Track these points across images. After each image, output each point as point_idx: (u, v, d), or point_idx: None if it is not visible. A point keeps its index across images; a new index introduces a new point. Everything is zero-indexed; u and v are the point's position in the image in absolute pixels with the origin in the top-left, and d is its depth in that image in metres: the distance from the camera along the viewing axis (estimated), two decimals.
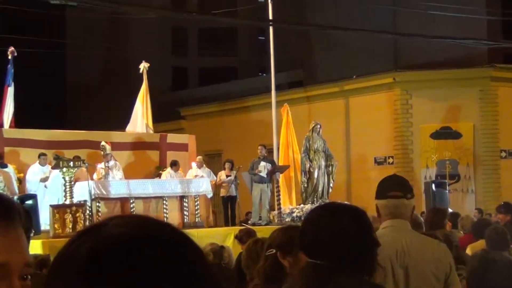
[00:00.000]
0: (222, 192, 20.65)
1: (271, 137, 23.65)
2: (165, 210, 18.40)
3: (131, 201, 17.99)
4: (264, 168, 19.72)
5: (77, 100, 43.79)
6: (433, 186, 19.85)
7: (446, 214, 9.02)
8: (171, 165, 19.97)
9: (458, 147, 25.60)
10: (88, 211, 16.88)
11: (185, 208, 18.87)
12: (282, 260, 3.78)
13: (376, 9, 27.68)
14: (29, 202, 15.37)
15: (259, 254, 4.48)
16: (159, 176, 20.15)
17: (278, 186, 20.60)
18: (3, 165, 17.53)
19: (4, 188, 16.34)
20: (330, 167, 20.86)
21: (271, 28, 24.61)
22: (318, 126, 21.06)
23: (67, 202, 16.60)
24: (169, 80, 43.82)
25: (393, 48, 29.42)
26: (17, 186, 17.92)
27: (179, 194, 18.87)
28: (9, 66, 20.14)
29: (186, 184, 18.98)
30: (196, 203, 19.02)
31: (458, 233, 10.37)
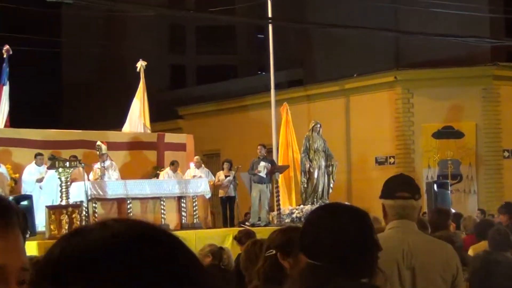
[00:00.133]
0: (221, 193, 20.65)
1: (271, 137, 23.64)
2: (163, 211, 18.38)
3: (128, 202, 17.98)
4: (264, 168, 19.70)
5: (73, 99, 43.76)
6: (435, 187, 19.85)
7: (450, 215, 9.03)
8: (170, 164, 19.98)
9: (460, 147, 25.60)
10: (85, 212, 16.86)
11: (183, 209, 18.86)
12: (282, 261, 3.79)
13: (377, 7, 27.67)
14: (25, 203, 15.37)
15: (258, 256, 4.48)
16: (157, 177, 20.15)
17: (278, 187, 20.59)
18: None
19: None
20: (331, 167, 20.86)
21: (271, 26, 24.60)
22: (318, 126, 21.06)
23: (63, 203, 16.59)
24: (167, 79, 43.78)
25: (394, 46, 29.41)
26: (13, 187, 17.92)
27: (177, 195, 18.86)
28: (4, 65, 20.14)
29: (184, 185, 18.97)
30: (194, 204, 19.01)
31: (461, 234, 10.38)
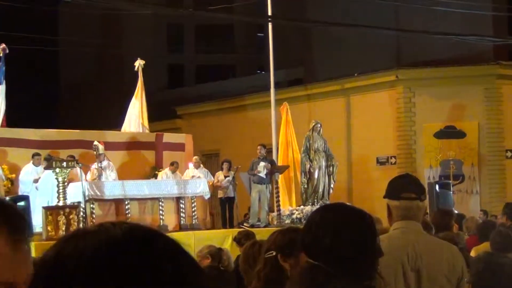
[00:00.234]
0: (220, 194, 20.64)
1: (270, 137, 23.63)
2: (161, 212, 18.37)
3: (126, 203, 17.97)
4: (263, 169, 19.68)
5: (71, 99, 43.76)
6: (437, 187, 19.85)
7: (453, 216, 9.03)
8: (170, 165, 19.98)
9: (463, 147, 25.59)
10: (82, 213, 16.85)
11: (182, 210, 18.85)
12: (283, 263, 3.78)
13: (378, 5, 27.65)
14: (21, 204, 15.35)
15: (256, 258, 4.48)
16: (155, 177, 20.13)
17: (278, 187, 20.58)
18: None
19: None
20: (331, 168, 20.86)
21: (270, 25, 24.58)
22: (319, 125, 21.06)
23: (60, 204, 16.58)
24: (165, 78, 43.78)
25: (396, 45, 29.40)
26: (9, 187, 17.91)
27: (176, 195, 18.85)
28: (0, 64, 20.12)
29: (183, 185, 18.96)
30: (193, 205, 19.01)
31: (463, 235, 10.37)
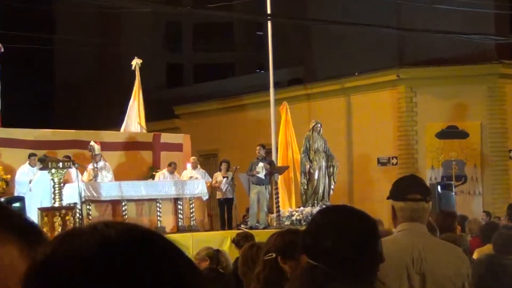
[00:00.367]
0: (219, 195, 20.64)
1: (270, 137, 23.63)
2: (159, 213, 18.37)
3: (123, 204, 17.97)
4: (262, 169, 19.68)
5: (67, 98, 43.72)
6: (439, 188, 19.87)
7: (456, 217, 9.03)
8: (168, 165, 19.97)
9: (465, 147, 25.59)
10: (78, 214, 16.86)
11: (180, 211, 18.85)
12: (283, 265, 3.79)
13: (379, 3, 27.66)
14: (17, 205, 15.37)
15: (255, 260, 4.49)
16: (153, 178, 20.13)
17: (277, 188, 20.58)
18: None
19: None
20: (331, 168, 20.86)
21: (270, 23, 24.59)
22: (319, 125, 21.07)
23: (56, 205, 16.59)
24: (163, 77, 43.75)
25: (397, 44, 29.38)
26: (4, 188, 17.91)
27: (173, 196, 18.85)
28: None
29: (181, 186, 18.95)
30: (191, 206, 19.01)
31: (466, 237, 10.37)
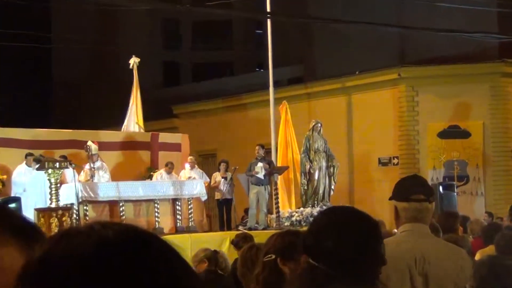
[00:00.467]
0: (217, 195, 20.62)
1: (269, 137, 23.62)
2: (157, 214, 18.36)
3: (121, 205, 17.96)
4: (262, 169, 19.67)
5: (64, 97, 43.72)
6: (441, 188, 19.87)
7: (458, 218, 9.02)
8: (165, 165, 19.95)
9: (467, 147, 25.59)
10: (75, 215, 16.85)
11: (178, 212, 18.84)
12: (282, 267, 3.78)
13: (380, 1, 27.67)
14: (13, 205, 15.35)
15: (254, 261, 4.48)
16: (150, 178, 20.12)
17: (277, 189, 20.58)
18: None
19: None
20: (332, 168, 20.86)
21: (269, 21, 24.58)
22: (319, 125, 21.06)
23: (53, 205, 16.57)
24: (161, 76, 43.76)
25: (398, 42, 29.39)
26: (0, 189, 17.90)
27: (172, 197, 18.84)
28: None
29: (179, 186, 18.94)
30: (190, 207, 19.00)
31: (468, 238, 10.36)
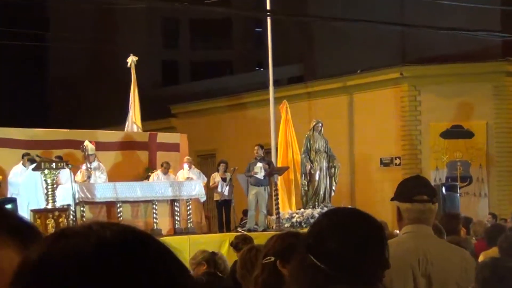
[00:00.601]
0: (216, 196, 20.61)
1: (269, 137, 23.61)
2: (155, 215, 18.35)
3: (118, 206, 17.94)
4: (261, 170, 19.65)
5: (62, 97, 43.72)
6: (444, 189, 19.87)
7: (461, 219, 9.00)
8: (160, 165, 19.93)
9: (470, 147, 25.58)
10: (72, 216, 16.83)
11: (176, 213, 18.83)
12: (282, 269, 3.77)
13: None
14: (8, 206, 15.33)
15: (254, 263, 4.47)
16: (148, 179, 20.11)
17: (277, 189, 20.56)
18: None
19: None
20: (333, 169, 20.85)
21: (269, 19, 24.57)
22: (320, 125, 21.04)
23: (49, 207, 16.56)
24: (159, 75, 43.77)
25: (400, 41, 29.39)
26: None
27: (170, 198, 18.83)
28: None
29: (178, 187, 18.93)
30: (188, 208, 18.99)
31: (471, 240, 10.35)
